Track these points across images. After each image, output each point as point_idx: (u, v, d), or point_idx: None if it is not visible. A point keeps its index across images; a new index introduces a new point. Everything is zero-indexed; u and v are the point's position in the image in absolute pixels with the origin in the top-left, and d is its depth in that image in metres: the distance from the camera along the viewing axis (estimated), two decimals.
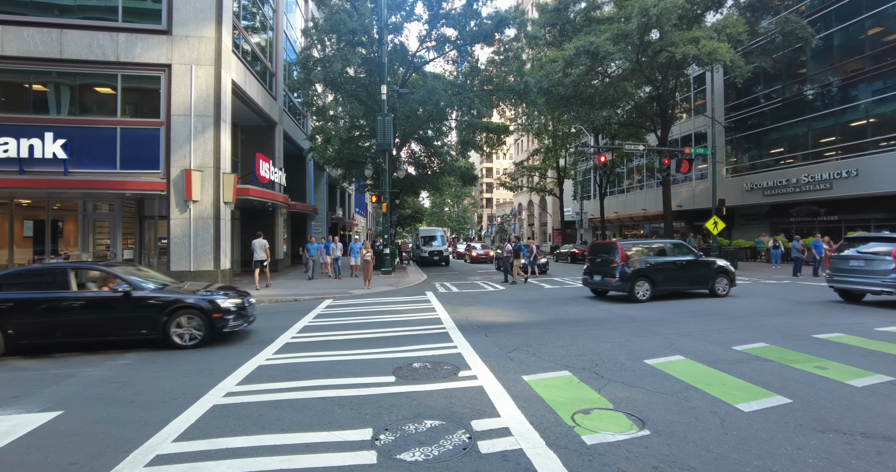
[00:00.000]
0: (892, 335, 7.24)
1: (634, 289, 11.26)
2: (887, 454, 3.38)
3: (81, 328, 7.08)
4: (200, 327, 7.29)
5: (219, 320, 7.37)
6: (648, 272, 11.42)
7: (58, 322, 7.01)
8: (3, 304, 6.91)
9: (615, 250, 11.66)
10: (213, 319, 7.33)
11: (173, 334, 7.21)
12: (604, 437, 3.74)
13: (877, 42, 21.19)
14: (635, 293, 11.24)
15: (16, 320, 6.89)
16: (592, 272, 12.45)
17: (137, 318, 7.16)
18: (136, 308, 7.13)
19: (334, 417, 4.28)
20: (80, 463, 3.50)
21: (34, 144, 13.52)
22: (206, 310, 7.33)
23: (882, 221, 21.53)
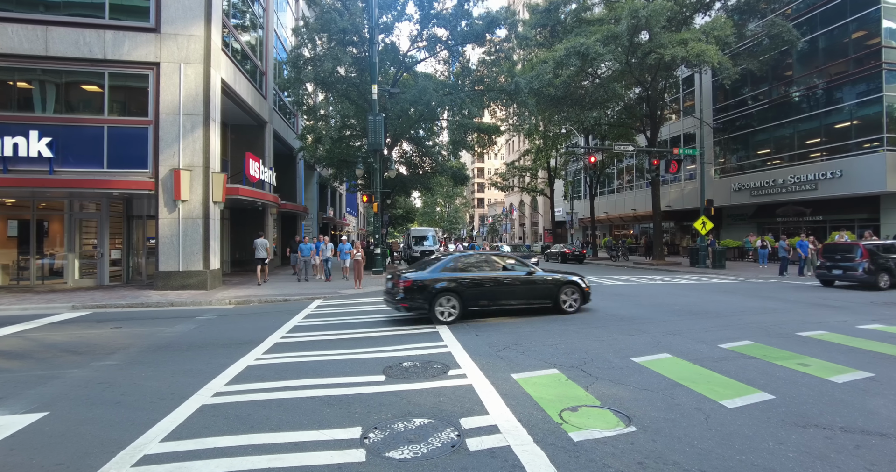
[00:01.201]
0: (872, 333, 7.41)
1: (878, 280, 13.44)
2: (865, 448, 3.47)
3: (504, 297, 9.40)
4: (578, 298, 9.83)
5: (588, 293, 10.09)
6: (886, 267, 13.62)
7: (490, 293, 9.23)
8: (462, 281, 9.00)
9: (857, 250, 13.76)
10: (584, 292, 9.97)
11: (563, 302, 9.70)
12: (591, 434, 3.79)
13: (860, 45, 21.59)
14: (878, 283, 13.45)
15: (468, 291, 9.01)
16: (831, 268, 14.34)
17: (544, 290, 9.65)
18: (543, 284, 9.64)
19: (323, 416, 4.29)
20: (66, 464, 3.47)
21: (18, 143, 13.33)
22: (580, 285, 9.94)
23: (865, 221, 21.96)
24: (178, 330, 8.78)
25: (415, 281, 8.77)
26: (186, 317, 10.26)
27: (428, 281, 8.83)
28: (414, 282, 8.76)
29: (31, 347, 7.51)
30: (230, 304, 12.26)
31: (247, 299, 12.64)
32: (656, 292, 13.53)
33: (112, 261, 16.40)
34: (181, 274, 14.31)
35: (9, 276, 15.35)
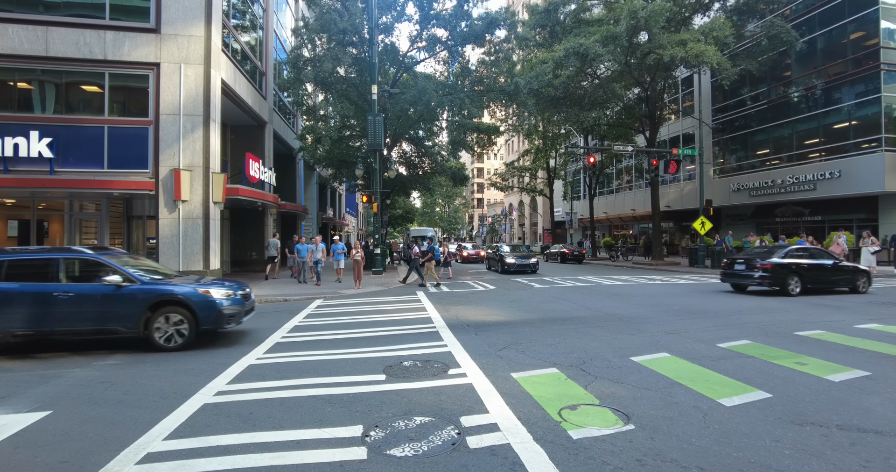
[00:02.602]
0: (869, 332, 7.45)
1: None
2: (860, 445, 3.51)
3: (824, 279, 12.35)
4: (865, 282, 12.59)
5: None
6: None
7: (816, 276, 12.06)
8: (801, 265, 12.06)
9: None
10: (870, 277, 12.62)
11: (859, 287, 12.55)
12: (589, 432, 3.83)
13: (859, 46, 21.66)
14: None
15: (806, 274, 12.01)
16: None
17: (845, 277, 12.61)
18: (845, 272, 12.70)
19: (325, 414, 4.33)
20: (70, 462, 3.50)
21: (19, 143, 13.36)
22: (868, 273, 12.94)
23: (863, 221, 22.03)
24: None
25: (774, 264, 12.08)
26: None
27: (782, 264, 12.04)
28: (774, 265, 12.06)
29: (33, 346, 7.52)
30: None
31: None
32: (655, 291, 13.57)
33: None
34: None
35: None
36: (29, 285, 6.95)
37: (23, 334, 6.98)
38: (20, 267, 7.10)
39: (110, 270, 7.22)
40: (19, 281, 6.95)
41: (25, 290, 6.91)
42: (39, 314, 6.90)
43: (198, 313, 7.21)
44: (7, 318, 6.82)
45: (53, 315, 6.92)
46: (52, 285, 6.97)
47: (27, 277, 7.02)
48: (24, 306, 6.86)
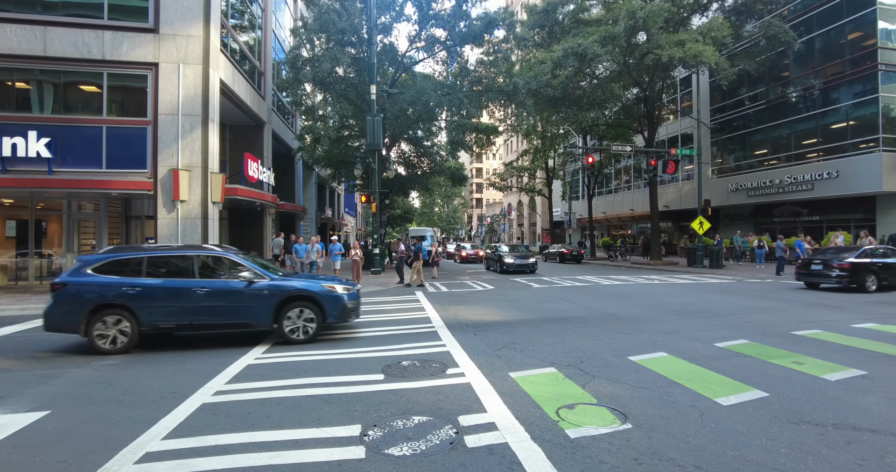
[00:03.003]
0: (866, 332, 7.48)
1: None
2: (856, 444, 3.53)
3: None
4: None
5: None
6: None
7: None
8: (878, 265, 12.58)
9: None
10: None
11: None
12: (587, 431, 3.85)
13: (856, 46, 21.72)
14: None
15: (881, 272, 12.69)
16: None
17: None
18: None
19: (323, 414, 4.34)
20: (69, 461, 3.51)
21: (17, 143, 13.34)
22: None
23: (860, 221, 22.09)
24: None
25: (853, 264, 12.63)
26: None
27: (859, 264, 12.62)
28: (852, 264, 12.63)
29: (32, 346, 7.53)
30: None
31: None
32: (653, 291, 13.60)
33: None
34: None
35: (7, 276, 15.35)
36: (171, 280, 7.27)
37: (164, 327, 7.24)
38: (158, 264, 7.41)
39: (243, 267, 7.63)
40: (158, 277, 7.28)
41: (168, 285, 7.22)
42: (181, 308, 7.17)
43: (325, 307, 7.56)
44: (152, 312, 7.09)
45: (193, 309, 7.19)
46: (192, 281, 7.28)
47: (165, 273, 7.37)
48: (166, 301, 7.16)
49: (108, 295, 6.97)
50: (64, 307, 6.96)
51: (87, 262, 7.24)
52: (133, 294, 7.02)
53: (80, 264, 7.25)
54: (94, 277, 7.09)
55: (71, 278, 7.07)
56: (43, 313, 7.07)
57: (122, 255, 7.39)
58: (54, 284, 7.09)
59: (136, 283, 7.10)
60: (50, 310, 6.99)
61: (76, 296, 6.96)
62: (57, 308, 6.98)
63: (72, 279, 7.05)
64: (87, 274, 7.10)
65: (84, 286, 7.01)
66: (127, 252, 7.51)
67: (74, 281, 7.04)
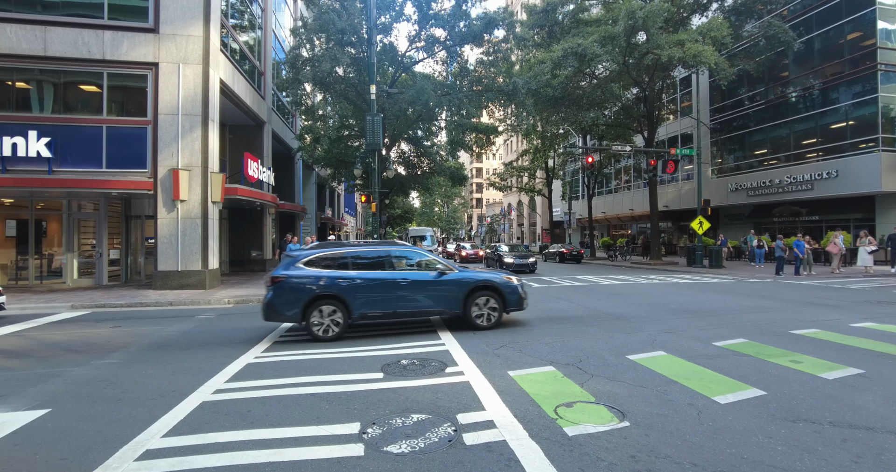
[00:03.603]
0: (864, 331, 7.50)
1: None
2: (852, 442, 3.55)
3: None
4: None
5: None
6: None
7: None
8: None
9: None
10: None
11: None
12: (585, 429, 3.86)
13: (856, 46, 21.74)
14: None
15: None
16: None
17: None
18: None
19: (322, 412, 4.36)
20: (70, 459, 3.53)
21: (17, 143, 13.36)
22: None
23: (860, 221, 22.12)
24: (177, 329, 8.83)
25: None
26: (185, 316, 10.31)
27: None
28: None
29: (32, 346, 7.55)
30: (229, 303, 12.31)
31: (246, 298, 12.69)
32: (653, 291, 13.62)
33: (111, 261, 16.43)
34: (180, 274, 14.35)
35: (7, 276, 15.37)
36: (376, 273, 7.88)
37: (372, 315, 7.81)
38: (360, 259, 8.03)
39: (433, 261, 8.37)
40: (361, 270, 7.86)
41: (375, 277, 7.82)
42: (386, 298, 7.78)
43: (506, 296, 8.22)
44: (362, 302, 7.65)
45: (396, 299, 7.81)
46: (395, 274, 7.94)
47: (366, 267, 7.95)
48: (373, 292, 7.76)
49: (323, 287, 7.55)
50: (283, 298, 7.48)
51: (298, 257, 7.82)
52: (345, 286, 7.61)
53: (292, 259, 7.82)
54: (306, 270, 7.67)
55: (287, 272, 7.61)
56: (263, 304, 7.57)
57: (328, 250, 8.03)
58: (274, 277, 7.58)
59: (346, 275, 7.71)
60: (270, 301, 7.48)
61: (295, 288, 7.50)
62: (277, 299, 7.47)
63: (289, 273, 7.59)
64: (300, 268, 7.67)
65: (301, 279, 7.56)
66: (331, 248, 8.18)
67: (291, 275, 7.58)
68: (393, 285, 7.81)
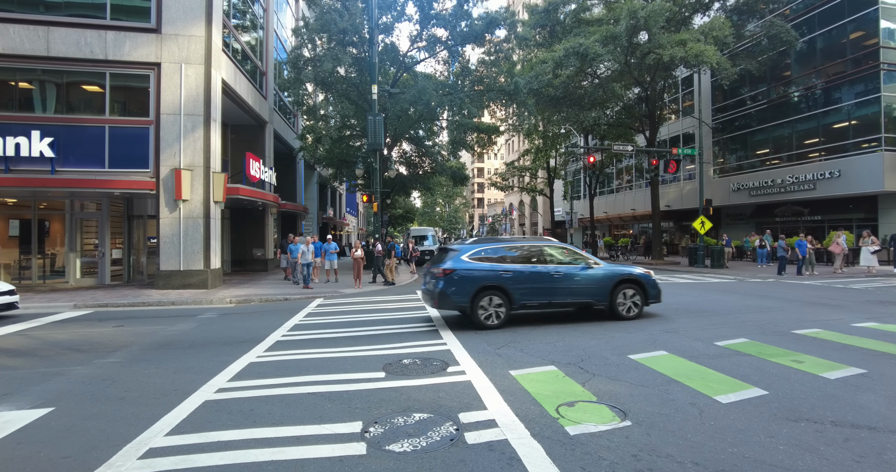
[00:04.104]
0: (866, 331, 7.49)
1: None
2: (853, 441, 3.55)
3: None
4: None
5: None
6: None
7: None
8: None
9: None
10: None
11: None
12: (586, 428, 3.87)
13: (858, 46, 21.67)
14: None
15: None
16: None
17: None
18: None
19: (324, 411, 4.37)
20: (73, 457, 3.55)
21: (20, 143, 13.42)
22: None
23: (863, 221, 22.05)
24: (179, 328, 8.86)
25: None
26: (188, 316, 10.34)
27: None
28: None
29: (35, 345, 7.59)
30: (231, 303, 12.33)
31: (247, 298, 12.72)
32: None
33: (113, 260, 16.48)
34: (182, 273, 14.39)
35: (10, 275, 15.42)
36: (533, 266, 8.52)
37: (530, 305, 8.43)
38: (515, 253, 8.66)
39: (580, 255, 8.99)
40: (518, 264, 8.49)
41: (532, 270, 8.45)
42: (543, 290, 8.39)
43: (647, 289, 8.85)
44: (522, 293, 8.26)
45: (552, 291, 8.42)
46: (550, 267, 8.56)
47: (522, 260, 8.58)
48: (532, 283, 8.35)
49: (489, 279, 8.15)
50: (454, 289, 8.09)
51: (463, 251, 8.44)
52: (507, 278, 8.23)
53: (458, 252, 8.43)
54: (472, 263, 8.30)
55: (455, 265, 8.23)
56: (435, 293, 8.18)
57: (488, 245, 8.68)
58: (445, 269, 8.20)
59: (508, 268, 8.33)
60: (443, 291, 8.10)
61: (464, 280, 8.11)
62: (449, 289, 8.09)
63: (457, 266, 8.22)
64: (465, 262, 8.29)
65: (468, 271, 8.17)
66: (489, 243, 8.81)
67: (459, 267, 8.20)
68: (548, 278, 8.43)
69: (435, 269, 8.42)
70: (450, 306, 8.20)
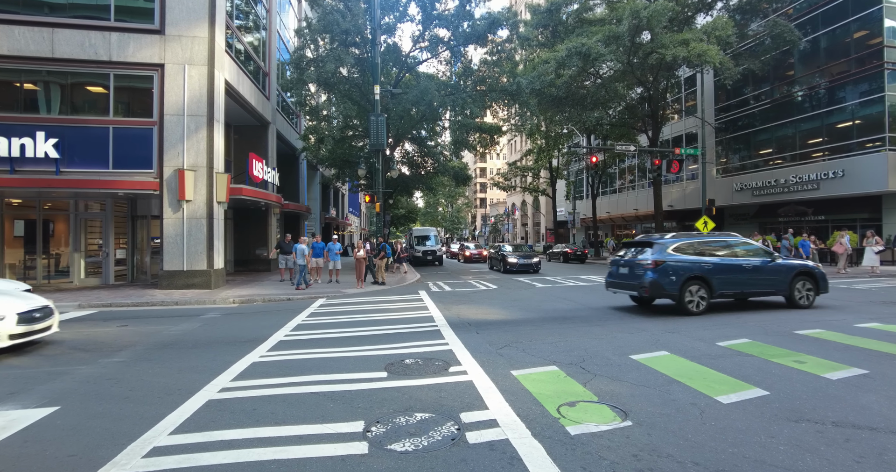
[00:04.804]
0: (869, 331, 7.47)
1: None
2: (854, 442, 3.56)
3: None
4: None
5: None
6: None
7: None
8: None
9: None
10: None
11: None
12: (587, 428, 3.88)
13: (862, 45, 21.60)
14: None
15: None
16: None
17: None
18: None
19: (327, 410, 4.40)
20: (79, 455, 3.58)
21: (25, 144, 13.50)
22: None
23: (866, 221, 21.97)
24: (183, 328, 8.91)
25: None
26: (191, 316, 10.39)
27: None
28: None
29: (40, 344, 7.64)
30: (234, 303, 12.39)
31: (250, 298, 12.77)
32: None
33: (117, 260, 16.57)
34: (185, 273, 14.45)
35: (15, 275, 15.51)
36: (728, 258, 9.50)
37: (727, 295, 9.42)
38: (710, 246, 9.63)
39: (761, 249, 9.90)
40: (714, 256, 9.43)
41: (728, 262, 9.44)
42: (737, 280, 9.40)
43: (819, 281, 9.75)
44: (720, 283, 9.24)
45: (744, 281, 9.45)
46: (742, 260, 9.57)
47: (717, 254, 9.53)
48: (728, 274, 9.34)
49: (694, 269, 9.15)
50: (666, 279, 9.05)
51: (667, 244, 9.42)
52: (708, 269, 9.21)
53: (662, 246, 9.41)
54: (678, 256, 9.25)
55: (663, 256, 9.21)
56: (648, 282, 9.08)
57: (685, 239, 9.62)
58: (655, 260, 9.15)
59: (707, 261, 9.30)
60: (656, 281, 9.04)
61: (672, 270, 9.07)
62: (662, 280, 9.04)
63: (665, 258, 9.19)
64: (671, 254, 9.24)
65: (676, 263, 9.13)
66: (686, 238, 9.74)
67: (667, 259, 9.18)
68: (739, 269, 9.42)
69: (642, 260, 9.37)
70: (661, 293, 9.09)
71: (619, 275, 10.14)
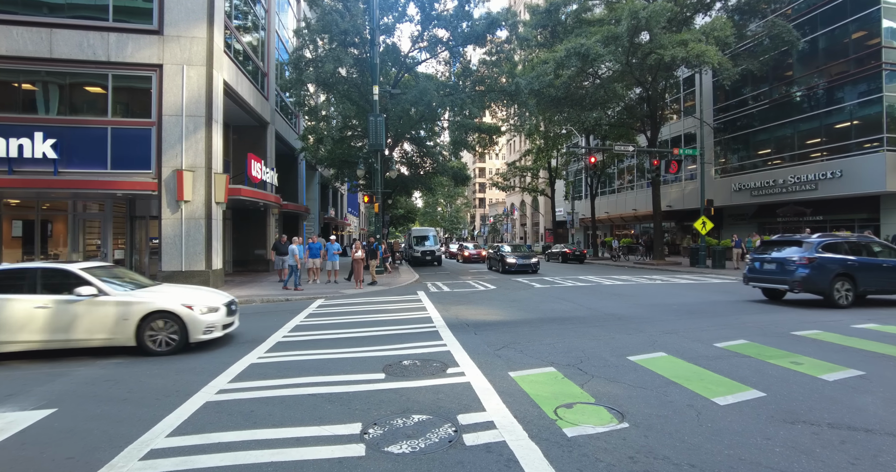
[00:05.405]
0: (866, 332, 7.49)
1: None
2: (850, 443, 3.57)
3: None
4: None
5: None
6: None
7: None
8: None
9: None
10: None
11: None
12: (584, 430, 3.89)
13: (860, 46, 21.62)
14: None
15: None
16: None
17: None
18: None
19: (324, 412, 4.40)
20: (76, 458, 3.59)
21: (24, 144, 13.48)
22: None
23: (865, 221, 21.99)
24: None
25: None
26: None
27: None
28: None
29: None
30: None
31: (249, 298, 12.77)
32: (655, 291, 13.62)
33: (115, 261, 16.54)
34: (184, 274, 14.44)
35: None
36: (867, 258, 10.31)
37: (867, 291, 10.19)
38: (851, 245, 10.44)
39: (889, 246, 10.73)
40: (854, 255, 10.20)
41: (868, 261, 10.24)
42: (875, 278, 10.19)
43: (857, 281, 10.09)
44: (863, 280, 10.01)
45: (882, 279, 10.26)
46: (880, 259, 10.39)
47: (856, 252, 10.30)
48: (869, 272, 10.13)
49: (840, 267, 9.91)
50: (819, 275, 9.89)
51: (817, 243, 10.21)
52: (853, 266, 9.99)
53: (813, 244, 10.22)
54: (826, 254, 10.04)
55: (815, 254, 10.01)
56: (801, 277, 9.98)
57: (829, 239, 10.44)
58: (809, 258, 9.98)
59: (851, 259, 10.05)
60: (808, 276, 9.93)
61: (825, 267, 9.90)
62: (816, 276, 9.89)
63: (817, 255, 9.99)
64: (821, 252, 10.03)
65: (826, 260, 9.95)
66: (829, 238, 10.56)
67: (819, 257, 9.98)
68: (879, 268, 10.21)
69: (794, 256, 10.20)
70: (813, 288, 9.91)
71: (763, 271, 10.91)
